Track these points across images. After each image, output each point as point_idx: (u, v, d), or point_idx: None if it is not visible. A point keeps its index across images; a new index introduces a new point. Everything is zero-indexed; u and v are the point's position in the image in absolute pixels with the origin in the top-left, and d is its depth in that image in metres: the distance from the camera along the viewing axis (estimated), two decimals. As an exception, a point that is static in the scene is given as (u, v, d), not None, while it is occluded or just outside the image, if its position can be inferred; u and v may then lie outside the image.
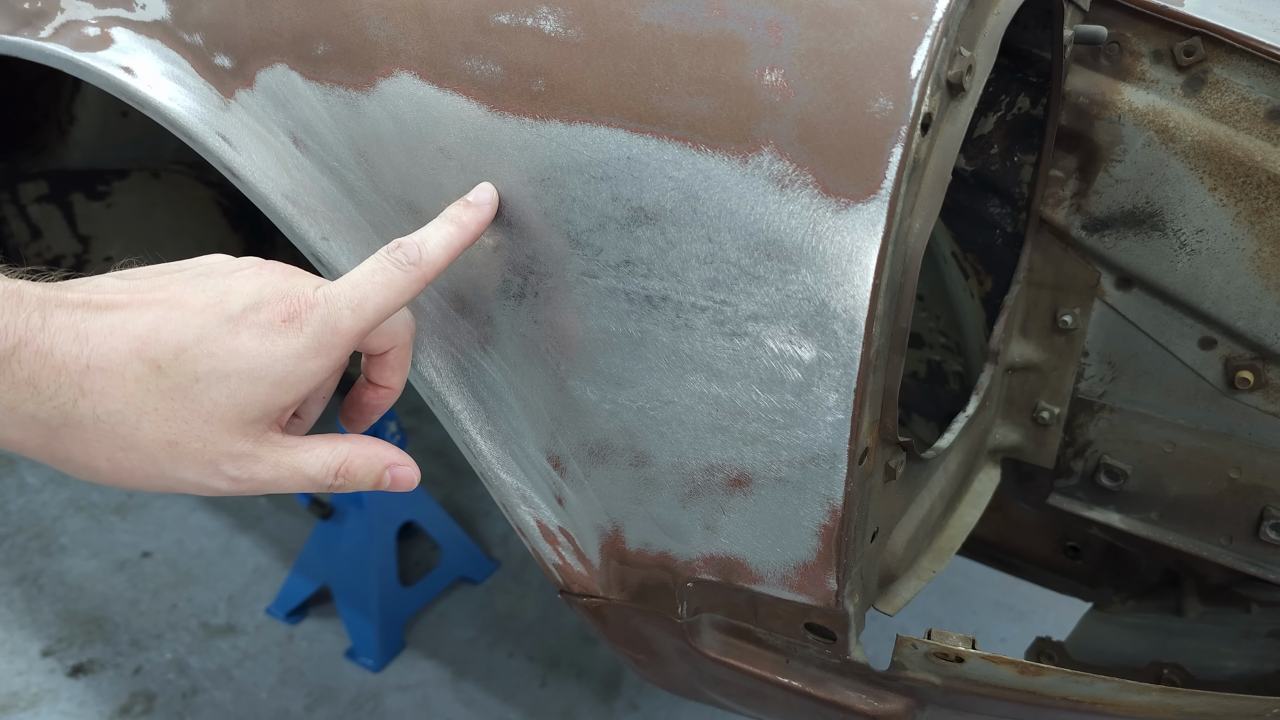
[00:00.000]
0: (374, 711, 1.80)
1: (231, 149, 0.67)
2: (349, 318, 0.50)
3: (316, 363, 0.50)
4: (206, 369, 0.47)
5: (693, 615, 0.69)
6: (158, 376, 0.47)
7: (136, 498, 2.36)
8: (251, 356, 0.48)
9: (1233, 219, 0.73)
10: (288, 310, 0.49)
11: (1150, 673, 0.93)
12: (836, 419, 0.54)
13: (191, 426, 0.48)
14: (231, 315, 0.48)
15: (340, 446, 0.53)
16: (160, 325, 0.47)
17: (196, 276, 0.50)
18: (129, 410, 0.47)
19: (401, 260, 0.52)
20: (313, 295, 0.50)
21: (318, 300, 0.50)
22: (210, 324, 0.48)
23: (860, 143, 0.50)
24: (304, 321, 0.49)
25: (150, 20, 0.72)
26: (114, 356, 0.46)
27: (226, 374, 0.47)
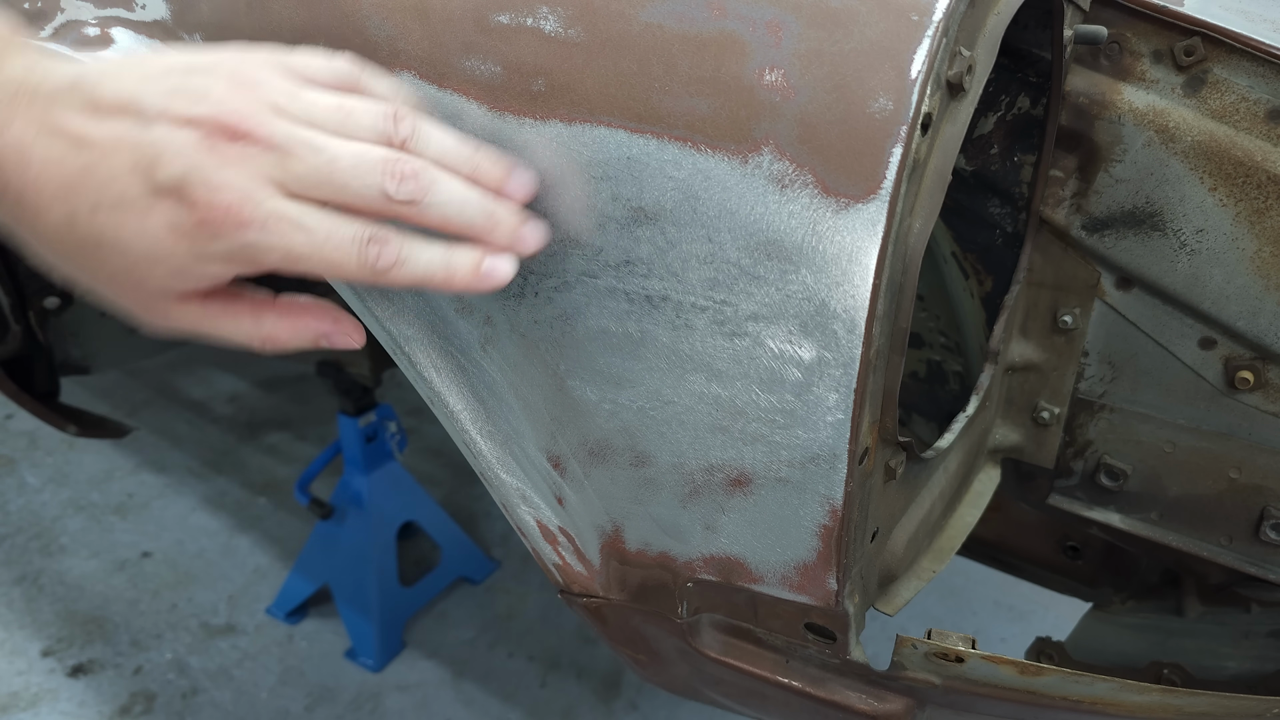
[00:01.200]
0: (374, 711, 1.80)
1: (231, 149, 0.67)
2: (275, 259, 0.46)
3: (224, 268, 0.47)
4: (110, 238, 0.46)
5: (693, 615, 0.69)
6: (70, 229, 0.46)
7: (136, 497, 2.36)
8: (154, 241, 0.45)
9: (1233, 219, 0.73)
10: (209, 216, 0.44)
11: (1150, 673, 0.93)
12: (836, 419, 0.54)
13: (99, 279, 0.48)
14: (156, 184, 0.45)
15: (264, 319, 0.51)
16: (88, 172, 0.45)
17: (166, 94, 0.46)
18: (55, 245, 0.47)
19: (369, 260, 0.47)
20: (246, 213, 0.44)
21: (250, 221, 0.44)
22: (130, 190, 0.45)
23: (860, 143, 0.50)
24: (222, 235, 0.45)
25: (150, 20, 0.72)
26: (40, 199, 0.46)
27: (127, 250, 0.46)
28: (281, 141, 0.45)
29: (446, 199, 0.48)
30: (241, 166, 0.45)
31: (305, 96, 0.47)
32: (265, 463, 2.51)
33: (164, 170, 0.44)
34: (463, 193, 0.49)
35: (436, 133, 0.50)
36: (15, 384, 1.36)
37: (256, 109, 0.45)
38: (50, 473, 2.44)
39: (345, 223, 0.47)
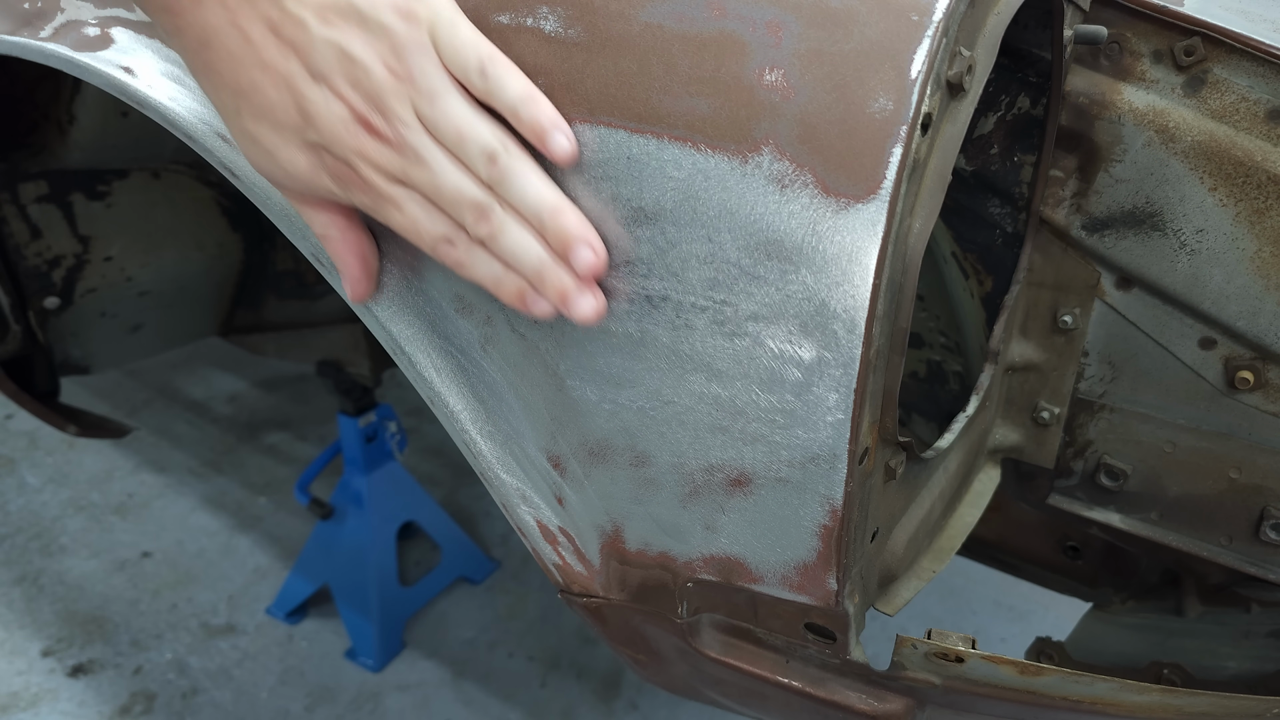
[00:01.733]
0: (374, 711, 1.80)
1: (233, 150, 0.67)
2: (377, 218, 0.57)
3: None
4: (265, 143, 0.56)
5: (693, 615, 0.69)
6: (234, 115, 0.56)
7: (136, 497, 2.36)
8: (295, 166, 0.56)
9: (1233, 219, 0.73)
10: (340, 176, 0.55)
11: (1150, 673, 0.93)
12: (836, 419, 0.54)
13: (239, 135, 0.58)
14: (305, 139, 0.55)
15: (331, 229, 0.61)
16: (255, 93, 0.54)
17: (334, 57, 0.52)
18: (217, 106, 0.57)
19: (441, 250, 0.56)
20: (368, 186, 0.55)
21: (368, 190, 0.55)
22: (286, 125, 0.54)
23: (860, 143, 0.50)
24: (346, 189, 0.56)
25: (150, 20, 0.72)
26: (214, 78, 0.55)
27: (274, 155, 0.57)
28: (409, 151, 0.53)
29: (509, 245, 0.55)
30: (371, 155, 0.54)
31: (440, 105, 0.53)
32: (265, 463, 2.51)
33: (315, 131, 0.53)
34: (524, 244, 0.55)
35: (525, 182, 0.54)
36: (15, 384, 1.36)
37: (398, 110, 0.52)
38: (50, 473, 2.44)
39: (432, 220, 0.55)
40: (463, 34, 0.53)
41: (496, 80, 0.53)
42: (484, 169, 0.53)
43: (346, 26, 0.51)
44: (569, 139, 0.54)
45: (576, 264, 0.54)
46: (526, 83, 0.54)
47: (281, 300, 1.68)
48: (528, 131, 0.54)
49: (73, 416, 1.44)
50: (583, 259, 0.54)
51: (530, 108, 0.53)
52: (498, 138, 0.53)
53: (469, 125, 0.53)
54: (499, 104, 0.54)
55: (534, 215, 0.54)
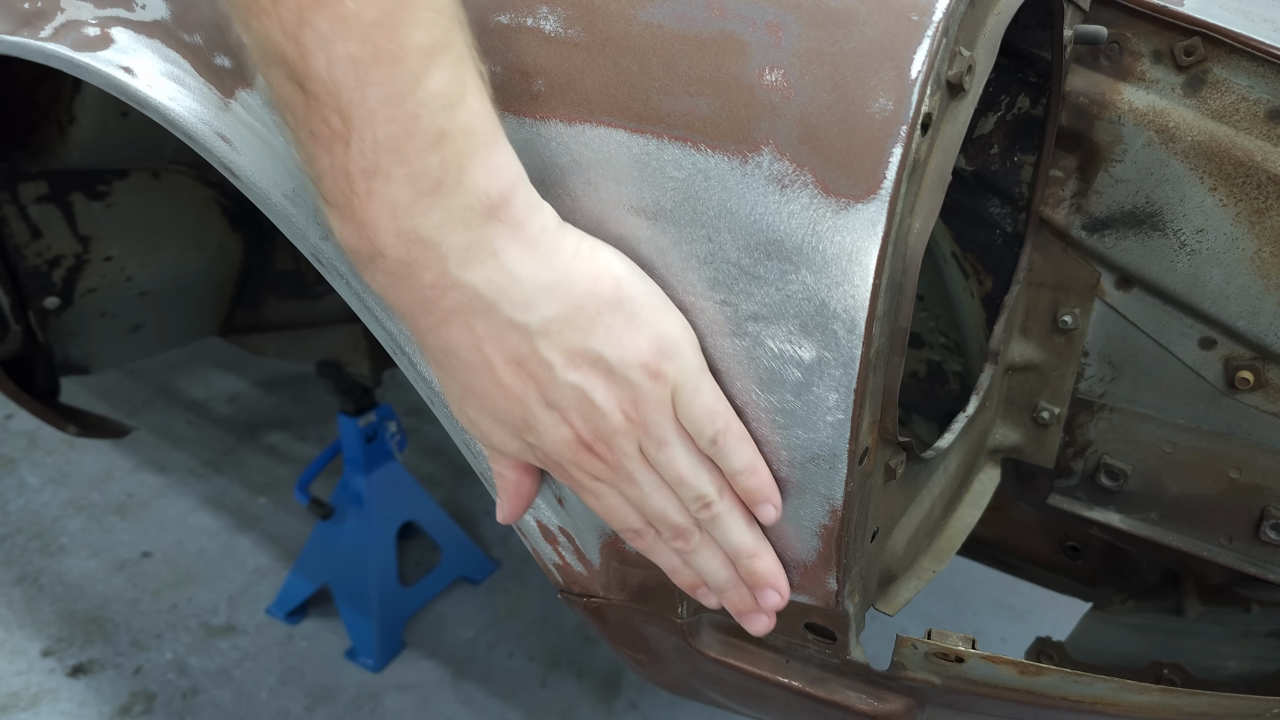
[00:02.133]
0: (374, 711, 1.80)
1: (232, 149, 0.67)
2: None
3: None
4: (479, 430, 0.57)
5: (693, 615, 0.69)
6: (458, 404, 0.57)
7: (136, 497, 2.36)
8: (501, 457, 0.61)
9: (1233, 219, 0.73)
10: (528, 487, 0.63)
11: (1150, 673, 0.93)
12: (836, 419, 0.54)
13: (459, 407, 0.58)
14: (521, 440, 0.56)
15: (509, 472, 0.62)
16: (483, 398, 0.55)
17: (572, 390, 0.53)
18: (443, 381, 0.56)
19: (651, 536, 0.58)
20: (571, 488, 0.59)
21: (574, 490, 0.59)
22: (506, 423, 0.56)
23: (860, 143, 0.50)
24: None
25: (150, 20, 0.72)
26: (446, 372, 0.55)
27: (484, 438, 0.58)
28: (624, 474, 0.55)
29: (700, 563, 0.59)
30: (586, 466, 0.55)
31: (667, 453, 0.54)
32: (265, 463, 2.51)
33: (535, 438, 0.54)
34: (715, 566, 0.58)
35: (731, 527, 0.57)
36: (15, 384, 1.36)
37: (624, 445, 0.53)
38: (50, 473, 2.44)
39: (627, 516, 0.57)
40: (703, 400, 0.54)
41: (726, 450, 0.55)
42: (694, 509, 0.56)
43: (593, 374, 0.51)
44: (777, 510, 0.57)
45: (764, 602, 0.59)
46: (753, 453, 0.55)
47: (281, 300, 1.68)
48: (743, 495, 0.56)
49: (73, 416, 1.44)
50: (770, 601, 0.59)
51: (751, 478, 0.56)
52: (714, 487, 0.55)
53: (690, 474, 0.55)
54: (723, 467, 0.56)
55: (732, 552, 0.58)
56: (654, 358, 0.52)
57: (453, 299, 0.49)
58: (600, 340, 0.51)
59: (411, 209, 0.46)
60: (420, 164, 0.46)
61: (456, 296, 0.49)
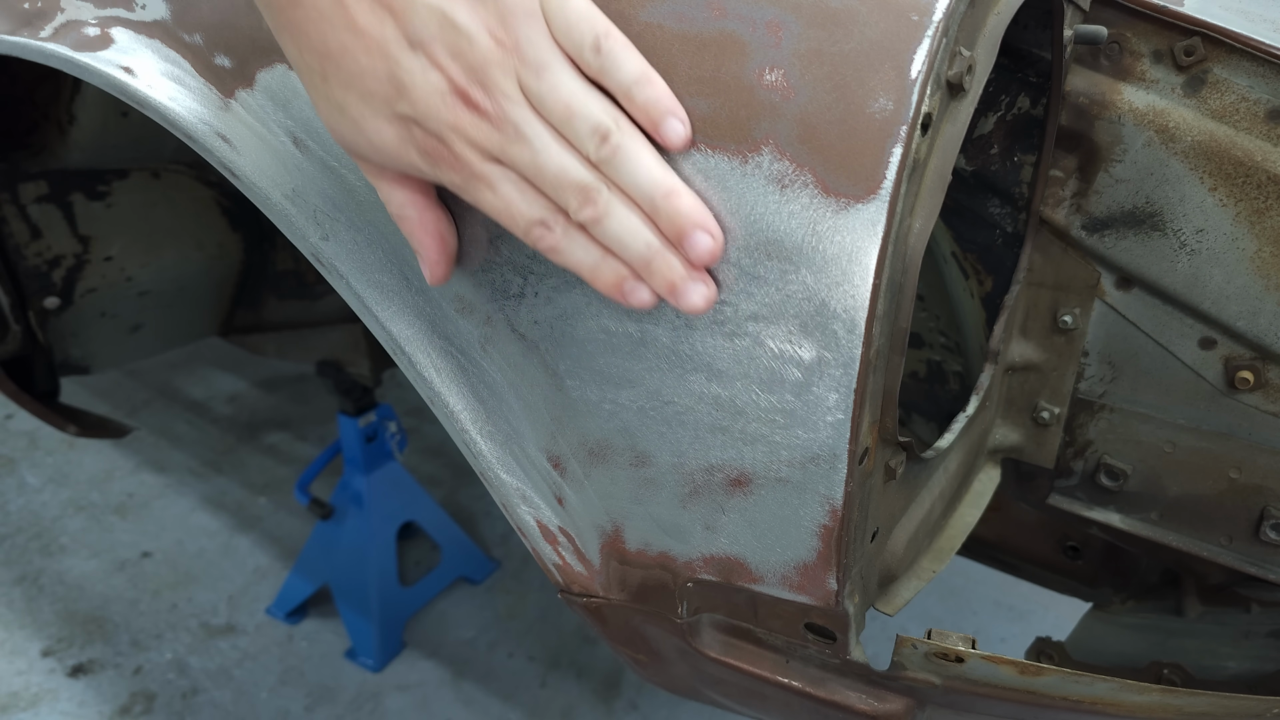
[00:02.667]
0: (374, 711, 1.80)
1: (231, 149, 0.67)
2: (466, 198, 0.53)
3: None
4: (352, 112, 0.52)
5: (693, 615, 0.69)
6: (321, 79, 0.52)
7: (136, 497, 2.36)
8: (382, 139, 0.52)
9: (1233, 219, 0.73)
10: (430, 153, 0.51)
11: (1150, 673, 0.93)
12: (836, 419, 0.54)
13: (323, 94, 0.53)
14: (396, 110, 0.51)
15: (409, 208, 0.57)
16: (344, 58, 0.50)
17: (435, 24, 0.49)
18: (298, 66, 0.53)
19: (534, 235, 0.52)
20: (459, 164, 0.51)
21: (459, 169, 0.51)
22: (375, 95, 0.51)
23: (860, 143, 0.50)
24: (434, 166, 0.52)
25: (150, 20, 0.72)
26: (300, 39, 0.50)
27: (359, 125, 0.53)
28: (509, 127, 0.49)
29: (615, 230, 0.51)
30: (468, 130, 0.50)
31: (549, 79, 0.49)
32: (265, 463, 2.51)
33: (407, 103, 0.50)
34: (632, 228, 0.51)
35: (638, 162, 0.51)
36: (15, 384, 1.36)
37: (501, 83, 0.49)
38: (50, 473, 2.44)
39: (528, 201, 0.51)
40: (576, 4, 0.49)
41: (611, 57, 0.50)
42: (593, 148, 0.50)
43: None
44: (684, 125, 0.51)
45: (692, 250, 0.51)
46: (642, 62, 0.50)
47: (281, 300, 1.69)
48: (640, 113, 0.50)
49: (73, 416, 1.44)
50: (700, 245, 0.51)
51: (646, 89, 0.50)
52: (609, 114, 0.50)
53: (579, 100, 0.49)
54: (612, 83, 0.50)
55: (645, 198, 0.51)
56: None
57: None
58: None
59: None
60: None
61: None
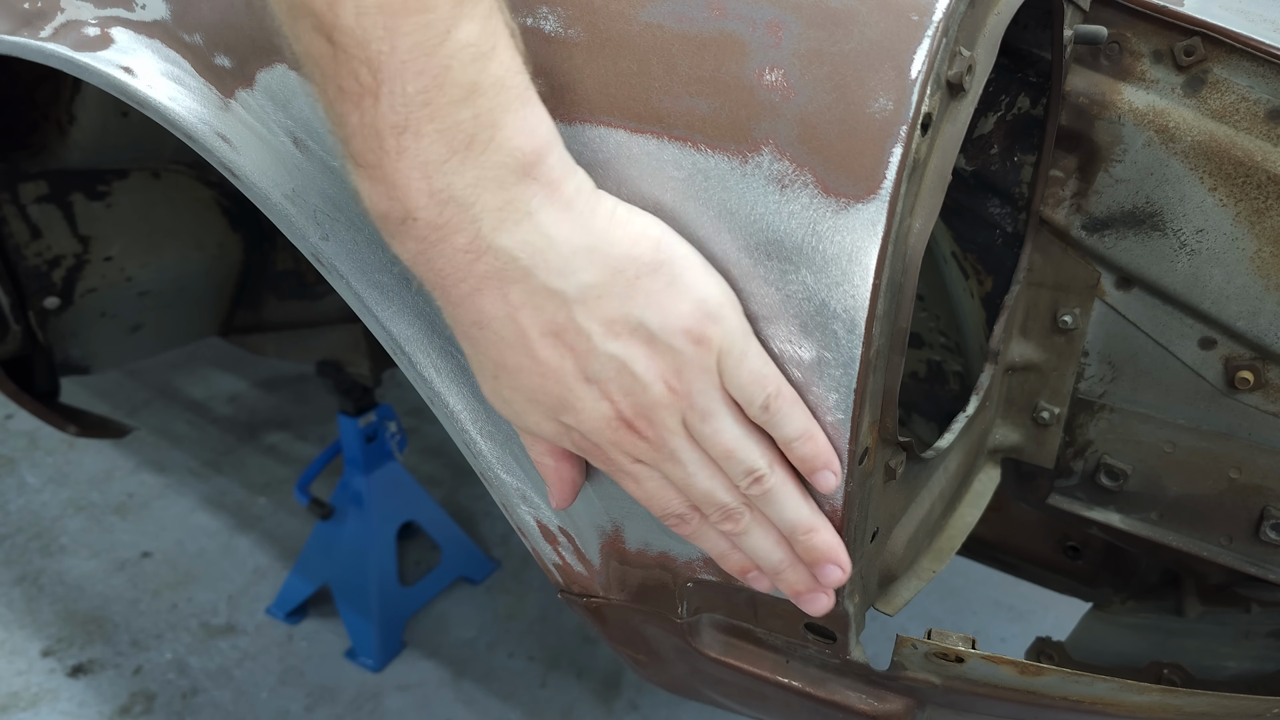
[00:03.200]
0: (374, 711, 1.80)
1: (231, 149, 0.67)
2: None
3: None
4: (514, 408, 0.55)
5: (693, 615, 0.69)
6: (494, 380, 0.54)
7: (136, 497, 2.36)
8: (537, 431, 0.56)
9: (1233, 219, 0.73)
10: (580, 445, 0.55)
11: (1150, 673, 0.93)
12: (836, 419, 0.54)
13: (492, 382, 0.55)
14: (558, 419, 0.54)
15: (548, 458, 0.59)
16: (520, 374, 0.52)
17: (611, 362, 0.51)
18: (472, 352, 0.53)
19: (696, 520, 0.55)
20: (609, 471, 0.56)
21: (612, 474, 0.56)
22: (543, 403, 0.53)
23: (860, 143, 0.50)
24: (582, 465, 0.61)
25: (150, 20, 0.72)
26: (481, 345, 0.52)
27: (517, 416, 0.56)
28: (667, 451, 0.52)
29: (752, 546, 0.56)
30: (626, 447, 0.53)
31: (712, 424, 0.52)
32: (265, 463, 2.51)
33: (573, 418, 0.52)
34: (768, 547, 0.56)
35: (785, 502, 0.55)
36: (15, 384, 1.36)
37: (667, 420, 0.51)
38: (50, 473, 2.44)
39: (669, 499, 0.55)
40: (751, 365, 0.51)
41: (779, 417, 0.52)
42: (745, 485, 0.53)
43: (633, 343, 0.49)
44: (837, 476, 0.54)
45: (823, 578, 0.56)
46: (807, 418, 0.53)
47: (281, 300, 1.69)
48: (798, 463, 0.54)
49: (73, 416, 1.44)
50: (831, 577, 0.56)
51: (807, 444, 0.53)
52: (765, 459, 0.53)
53: (738, 446, 0.52)
54: (776, 435, 0.53)
55: (788, 530, 0.55)
56: (697, 322, 0.49)
57: (486, 264, 0.47)
58: (640, 306, 0.49)
59: (444, 167, 0.45)
60: (452, 119, 0.44)
61: (490, 261, 0.47)
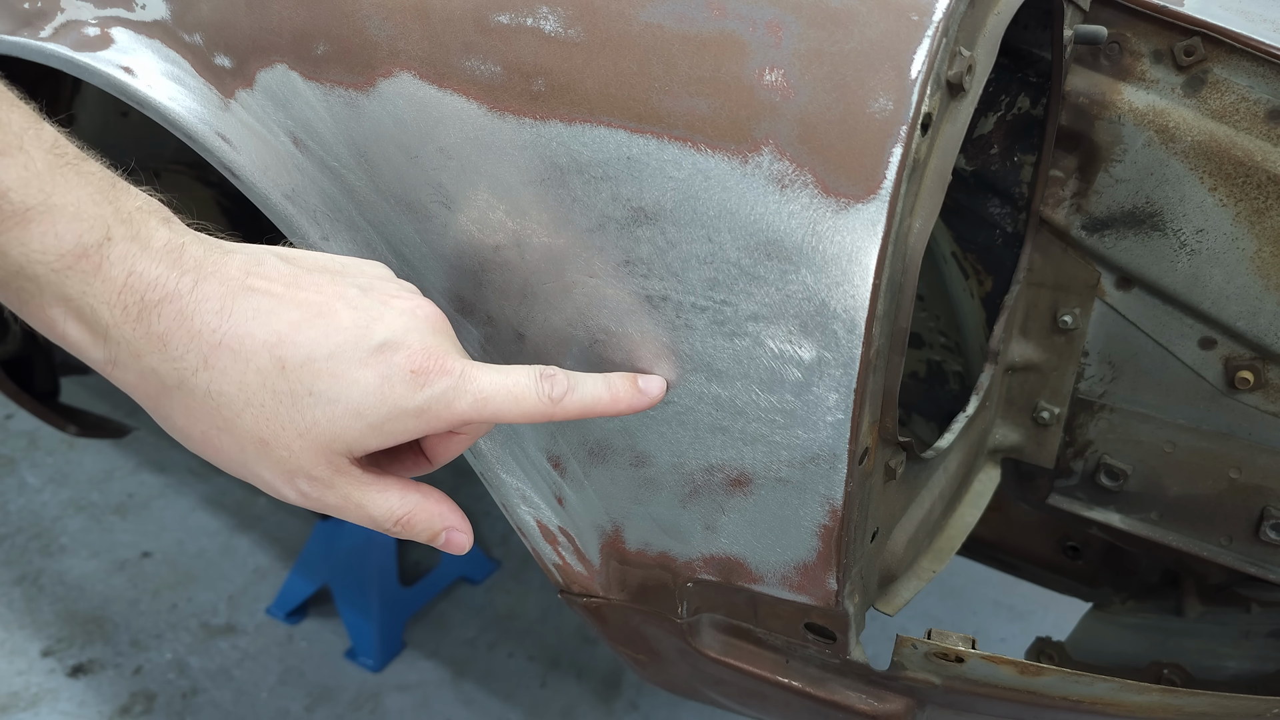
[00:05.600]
0: (374, 711, 1.80)
1: (231, 149, 0.67)
2: (466, 404, 0.50)
3: (415, 424, 0.50)
4: (323, 387, 0.48)
5: (693, 615, 0.69)
6: (278, 376, 0.47)
7: (136, 497, 2.36)
8: (365, 391, 0.48)
9: (1233, 219, 0.73)
10: (421, 364, 0.49)
11: (1150, 673, 0.93)
12: (836, 419, 0.54)
13: (285, 434, 0.48)
14: (370, 345, 0.48)
15: (410, 497, 0.53)
16: (301, 327, 0.48)
17: (355, 289, 0.50)
18: (239, 396, 0.47)
19: (545, 391, 0.52)
20: (449, 363, 0.50)
21: (451, 370, 0.50)
22: (346, 345, 0.48)
23: (860, 143, 0.50)
24: (428, 383, 0.49)
25: (150, 20, 0.72)
26: (247, 341, 0.47)
27: (336, 399, 0.48)
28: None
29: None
30: (447, 338, 0.52)
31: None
32: (265, 463, 2.50)
33: (380, 332, 0.49)
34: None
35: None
36: (15, 384, 1.35)
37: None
38: (50, 473, 2.44)
39: (521, 368, 0.52)
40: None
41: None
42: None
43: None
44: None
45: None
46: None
47: (281, 300, 1.68)
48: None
49: (73, 416, 1.44)
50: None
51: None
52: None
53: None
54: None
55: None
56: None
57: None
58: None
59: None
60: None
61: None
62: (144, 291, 0.46)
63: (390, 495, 0.52)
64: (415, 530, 0.53)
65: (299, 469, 0.49)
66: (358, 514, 0.51)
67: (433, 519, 0.53)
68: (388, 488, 0.52)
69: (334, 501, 0.51)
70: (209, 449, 0.49)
